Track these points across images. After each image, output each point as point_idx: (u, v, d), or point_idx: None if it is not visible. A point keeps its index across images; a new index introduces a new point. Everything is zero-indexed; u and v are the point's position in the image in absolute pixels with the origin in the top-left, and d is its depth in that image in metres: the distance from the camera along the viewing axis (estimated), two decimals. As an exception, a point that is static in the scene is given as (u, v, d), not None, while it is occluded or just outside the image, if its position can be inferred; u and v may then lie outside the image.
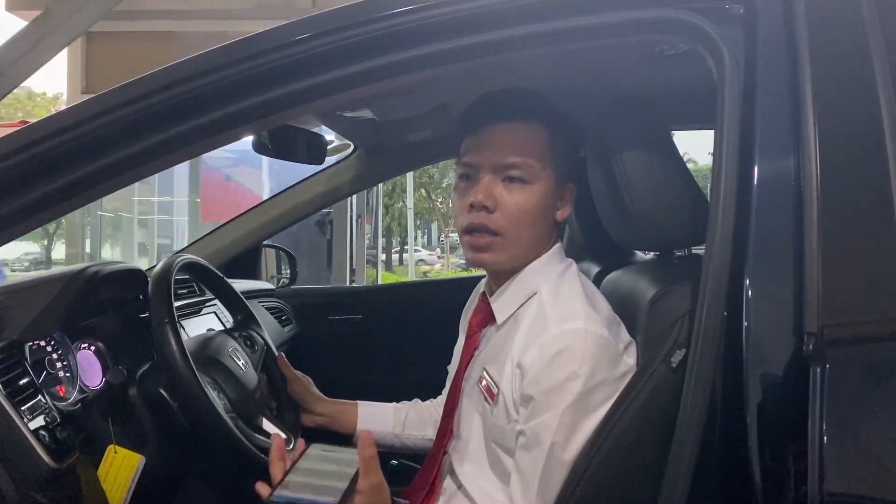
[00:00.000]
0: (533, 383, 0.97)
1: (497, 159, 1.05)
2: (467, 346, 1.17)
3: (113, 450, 1.15)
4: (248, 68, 0.88)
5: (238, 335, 1.51)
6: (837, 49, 0.85)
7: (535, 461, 0.96)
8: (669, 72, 1.30)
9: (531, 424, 0.97)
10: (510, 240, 1.06)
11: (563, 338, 0.97)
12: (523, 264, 1.09)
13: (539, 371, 0.97)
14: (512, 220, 1.05)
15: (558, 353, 0.96)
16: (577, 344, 0.96)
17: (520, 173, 1.05)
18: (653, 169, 1.05)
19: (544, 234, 1.09)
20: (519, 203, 1.05)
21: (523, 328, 1.04)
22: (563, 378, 0.95)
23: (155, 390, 1.24)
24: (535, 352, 0.98)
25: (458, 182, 1.10)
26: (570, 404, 0.95)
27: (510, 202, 1.05)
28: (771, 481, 0.78)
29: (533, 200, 1.05)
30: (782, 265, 0.80)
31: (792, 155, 0.82)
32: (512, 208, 1.05)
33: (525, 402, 0.99)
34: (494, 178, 1.05)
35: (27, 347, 1.15)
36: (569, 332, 0.97)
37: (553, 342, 0.97)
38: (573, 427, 0.95)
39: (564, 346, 0.96)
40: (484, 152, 1.06)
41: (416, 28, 0.88)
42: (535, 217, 1.06)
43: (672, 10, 0.87)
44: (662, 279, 1.01)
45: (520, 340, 1.03)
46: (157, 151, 0.90)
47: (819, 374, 0.76)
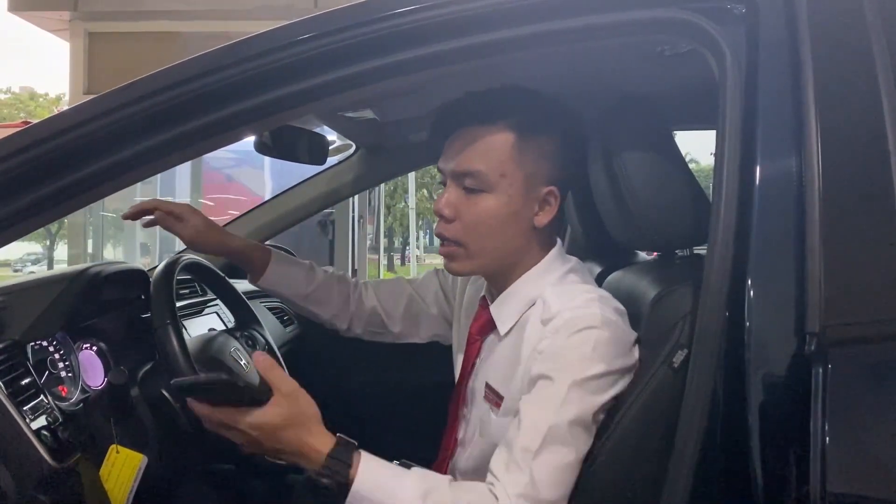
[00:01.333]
0: (545, 361, 0.93)
1: (455, 167, 1.03)
2: (468, 355, 1.13)
3: (115, 450, 1.16)
4: (249, 68, 0.88)
5: (240, 335, 1.52)
6: (839, 49, 0.85)
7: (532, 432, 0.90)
8: (670, 72, 1.30)
9: (533, 395, 0.92)
10: (472, 249, 1.03)
11: (578, 320, 0.93)
12: (509, 270, 1.05)
13: (552, 351, 0.93)
14: (470, 230, 1.02)
15: (573, 333, 0.92)
16: (594, 326, 0.92)
17: (474, 183, 1.01)
18: (654, 169, 1.05)
19: (519, 242, 1.04)
20: (476, 213, 1.01)
21: (530, 331, 1.00)
22: (577, 358, 0.91)
23: (157, 391, 1.24)
24: (550, 335, 0.94)
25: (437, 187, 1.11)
26: (580, 381, 0.90)
27: (468, 212, 1.02)
28: (773, 482, 0.78)
29: (490, 209, 1.01)
30: (784, 265, 0.80)
31: (794, 155, 0.82)
32: (469, 218, 1.02)
33: (532, 381, 0.94)
34: (457, 186, 1.03)
35: (29, 347, 1.15)
36: (583, 315, 0.94)
37: (566, 324, 0.93)
38: (580, 404, 0.90)
39: (581, 327, 0.92)
40: (447, 157, 1.04)
41: (417, 28, 0.88)
42: (496, 226, 1.01)
43: (673, 10, 0.87)
44: (664, 279, 1.01)
45: (528, 342, 0.99)
46: (159, 152, 0.90)
47: (821, 375, 0.76)
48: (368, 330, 1.38)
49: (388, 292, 1.36)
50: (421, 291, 1.35)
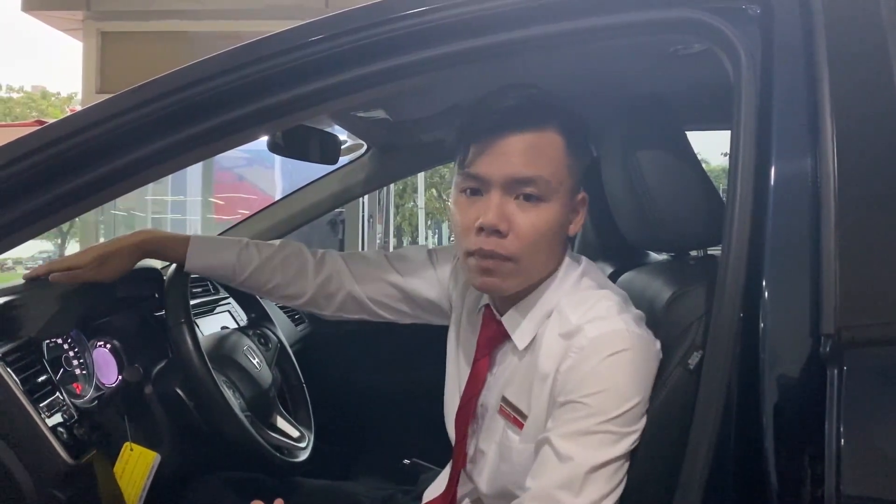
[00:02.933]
0: (577, 387, 0.89)
1: (511, 174, 0.93)
2: (478, 370, 1.05)
3: (129, 447, 1.17)
4: (262, 69, 0.88)
5: (252, 333, 1.52)
6: (855, 48, 0.85)
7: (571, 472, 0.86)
8: (684, 72, 1.30)
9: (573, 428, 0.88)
10: (524, 265, 0.95)
11: (606, 340, 0.89)
12: (535, 285, 1.00)
13: (582, 376, 0.89)
14: (526, 244, 0.93)
15: (605, 357, 0.88)
16: (625, 349, 0.89)
17: (535, 191, 0.93)
18: (668, 169, 1.04)
19: (557, 252, 1.00)
20: (535, 225, 0.93)
21: (548, 343, 0.96)
22: (613, 388, 0.88)
23: (171, 388, 1.25)
24: (575, 355, 0.90)
25: (460, 195, 0.97)
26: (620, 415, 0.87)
27: (525, 224, 0.93)
28: (787, 484, 0.78)
29: (549, 221, 0.94)
30: (799, 266, 0.80)
31: (809, 155, 0.82)
32: (527, 231, 0.93)
33: (566, 405, 0.89)
34: (506, 195, 0.93)
35: (45, 345, 1.16)
36: (612, 333, 0.90)
37: (593, 346, 0.89)
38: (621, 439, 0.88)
39: (613, 350, 0.88)
40: (495, 164, 0.93)
41: (430, 29, 0.88)
42: (550, 238, 0.96)
43: (688, 10, 0.86)
44: (678, 280, 1.01)
45: (547, 355, 0.95)
46: (172, 152, 0.91)
47: (836, 376, 0.76)
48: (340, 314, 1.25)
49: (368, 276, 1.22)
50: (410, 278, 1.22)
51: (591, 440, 0.88)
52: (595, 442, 0.87)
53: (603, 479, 0.87)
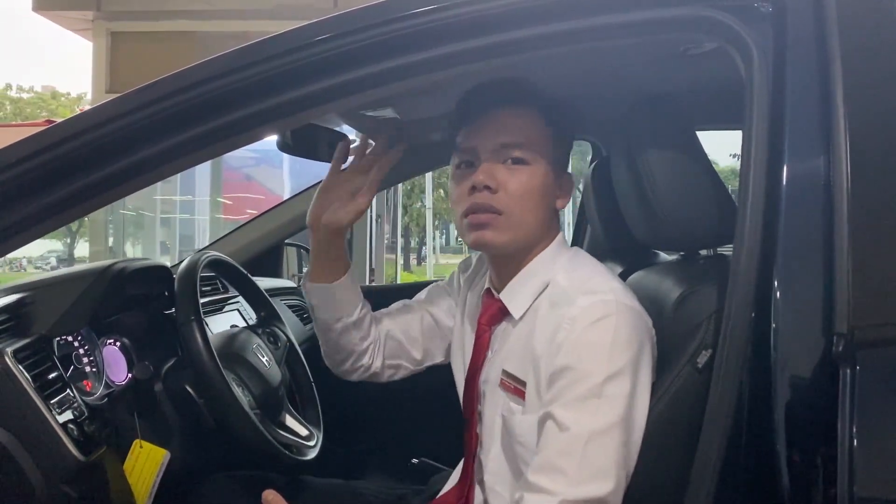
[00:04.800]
0: (567, 354, 0.93)
1: (498, 141, 1.05)
2: (479, 346, 1.12)
3: (139, 444, 1.17)
4: (271, 68, 0.88)
5: (262, 332, 1.53)
6: (868, 45, 0.84)
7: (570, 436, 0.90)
8: (694, 71, 1.29)
9: (568, 396, 0.91)
10: (514, 220, 1.03)
11: (595, 308, 0.94)
12: (527, 250, 1.07)
13: (573, 343, 0.93)
14: (515, 200, 1.03)
15: (593, 322, 0.93)
16: (611, 313, 0.93)
17: (521, 153, 1.04)
18: (678, 169, 1.04)
19: (547, 221, 1.08)
20: (522, 183, 1.04)
21: (543, 314, 1.01)
22: (601, 345, 0.92)
23: (180, 386, 1.25)
24: (568, 326, 0.94)
25: (456, 170, 1.09)
26: (611, 375, 0.91)
27: (513, 182, 1.03)
28: (799, 484, 0.77)
29: (535, 181, 1.05)
30: (812, 265, 0.79)
31: (822, 154, 0.81)
32: (515, 188, 1.03)
33: (558, 375, 0.93)
34: (495, 161, 1.04)
35: (55, 342, 1.16)
36: (600, 302, 0.95)
37: (583, 314, 0.94)
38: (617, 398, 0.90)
39: (599, 316, 0.93)
40: (483, 135, 1.05)
41: (438, 27, 0.88)
42: (537, 199, 1.05)
43: (700, 8, 0.86)
44: (688, 279, 1.01)
45: (543, 327, 1.00)
46: (180, 151, 0.91)
47: (849, 376, 0.75)
48: (388, 363, 1.27)
49: (399, 317, 1.28)
50: (432, 308, 1.28)
51: (585, 406, 0.91)
52: (590, 408, 0.91)
53: (604, 447, 0.89)
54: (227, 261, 1.58)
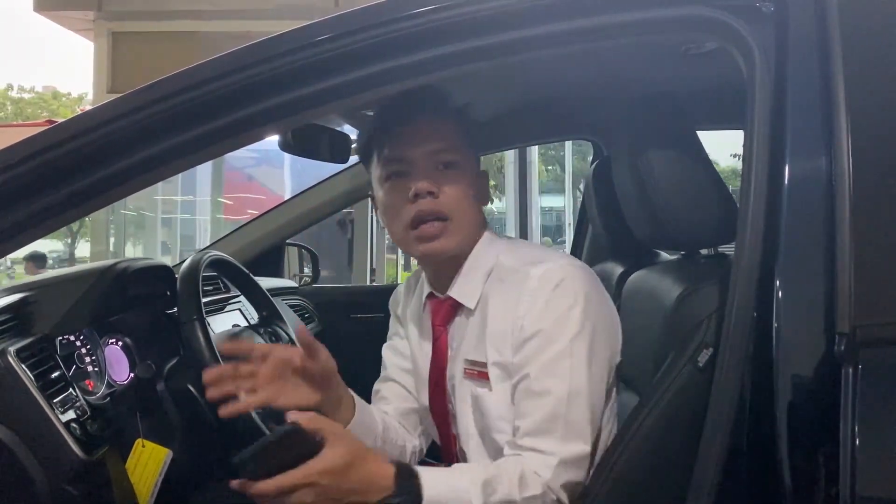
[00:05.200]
0: (535, 322, 0.99)
1: (429, 148, 1.06)
2: (439, 348, 1.13)
3: (141, 443, 1.17)
4: (273, 68, 0.88)
5: (263, 331, 1.53)
6: (870, 46, 0.84)
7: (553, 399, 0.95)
8: (695, 71, 1.30)
9: (542, 359, 0.97)
10: (458, 223, 1.06)
11: (551, 275, 1.00)
12: (468, 250, 1.09)
13: (538, 310, 0.99)
14: (456, 203, 1.05)
15: (553, 287, 0.99)
16: (567, 276, 1.00)
17: (451, 157, 1.07)
18: (679, 168, 1.04)
19: (481, 218, 1.11)
20: (459, 185, 1.06)
21: (495, 293, 1.05)
22: (565, 308, 0.98)
23: (182, 385, 1.25)
24: (529, 297, 1.00)
25: (385, 182, 1.08)
26: (577, 334, 0.97)
27: (450, 186, 1.05)
28: (801, 483, 0.77)
29: (467, 182, 1.08)
30: (814, 264, 0.80)
31: (823, 153, 0.81)
32: (454, 191, 1.05)
33: (526, 342, 0.99)
34: (428, 167, 1.06)
35: (58, 342, 1.17)
36: (553, 268, 1.01)
37: (541, 283, 1.00)
38: (586, 357, 0.97)
39: (557, 281, 0.99)
40: (414, 143, 1.06)
41: (440, 27, 0.88)
42: (471, 199, 1.08)
43: (702, 7, 0.86)
44: (689, 278, 1.01)
45: (497, 304, 1.04)
46: (181, 151, 0.91)
47: (851, 375, 0.75)
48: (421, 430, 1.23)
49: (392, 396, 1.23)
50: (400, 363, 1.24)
51: (559, 367, 0.97)
52: (564, 369, 0.97)
53: (580, 406, 0.96)
54: (228, 260, 1.58)
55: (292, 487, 0.84)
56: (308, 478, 0.84)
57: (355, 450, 0.89)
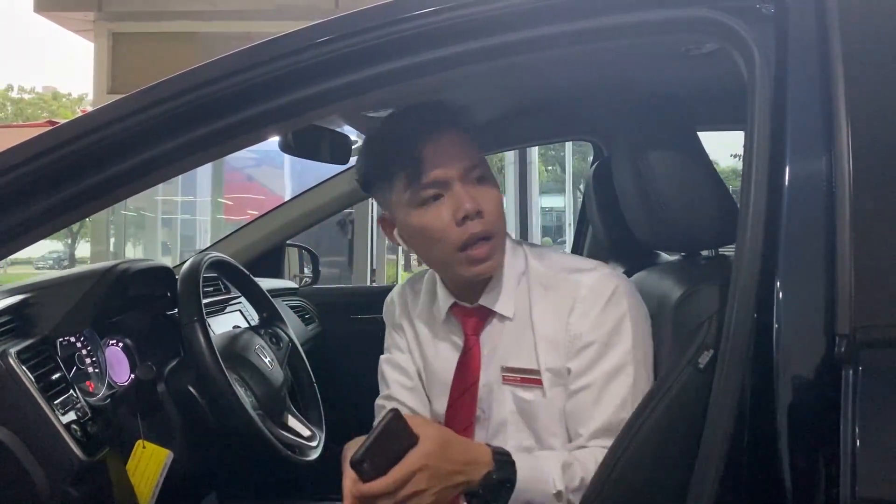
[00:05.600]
0: (591, 331, 1.01)
1: (464, 164, 1.03)
2: (472, 358, 1.11)
3: (141, 445, 1.17)
4: (273, 69, 0.88)
5: (264, 332, 1.53)
6: (870, 47, 0.84)
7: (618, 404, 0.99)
8: (696, 72, 1.29)
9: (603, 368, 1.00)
10: (500, 239, 1.06)
11: (603, 285, 1.03)
12: None
13: (593, 320, 1.01)
14: (495, 219, 1.05)
15: (608, 298, 1.02)
16: (618, 287, 1.03)
17: (482, 171, 1.06)
18: (679, 169, 1.04)
19: None
20: (495, 200, 1.06)
21: (539, 301, 1.06)
22: (619, 317, 1.02)
23: (183, 387, 1.25)
24: (582, 306, 1.02)
25: (422, 207, 1.03)
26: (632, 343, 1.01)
27: (489, 201, 1.04)
28: (801, 485, 0.77)
29: (499, 194, 1.08)
30: (814, 266, 0.79)
31: (824, 154, 0.81)
32: (493, 207, 1.04)
33: (583, 350, 1.02)
34: (465, 184, 1.03)
35: (58, 343, 1.17)
36: (603, 279, 1.04)
37: (594, 293, 1.03)
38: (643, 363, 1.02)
39: (610, 292, 1.02)
40: (447, 162, 1.03)
41: (440, 29, 0.88)
42: (503, 211, 1.08)
43: (701, 9, 0.86)
44: (689, 279, 1.01)
45: (544, 312, 1.05)
46: (182, 152, 0.91)
47: (851, 377, 0.75)
48: None
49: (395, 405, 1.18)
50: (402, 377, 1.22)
51: (621, 374, 1.01)
52: (625, 375, 1.01)
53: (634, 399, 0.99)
54: (229, 261, 1.58)
55: (407, 477, 0.86)
56: (417, 463, 0.86)
57: (445, 431, 0.93)
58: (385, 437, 0.86)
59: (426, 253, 1.08)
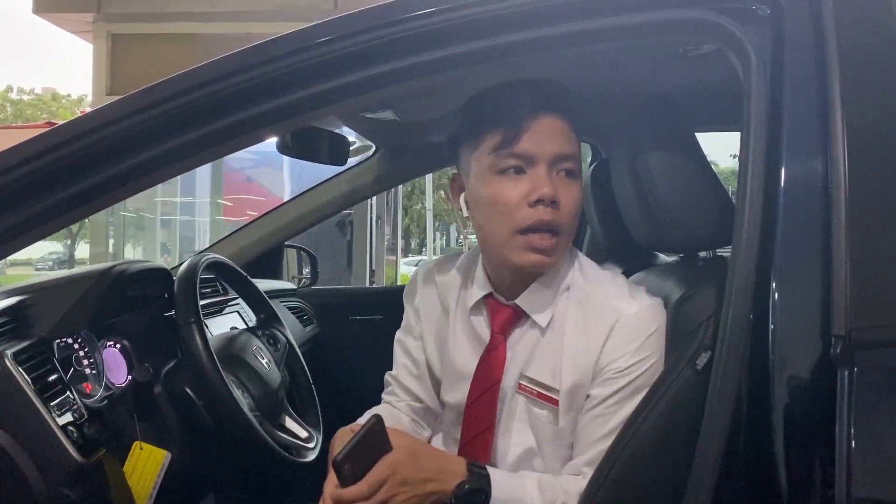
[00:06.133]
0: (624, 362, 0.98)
1: (556, 150, 0.99)
2: (497, 357, 1.07)
3: (138, 446, 1.17)
4: (272, 70, 0.88)
5: (261, 334, 1.53)
6: (866, 49, 0.84)
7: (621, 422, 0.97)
8: (693, 73, 1.30)
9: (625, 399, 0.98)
10: (566, 239, 1.02)
11: (646, 320, 0.99)
12: None
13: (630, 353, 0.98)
14: (570, 217, 1.00)
15: (648, 335, 0.99)
16: (660, 324, 1.00)
17: (573, 166, 1.01)
18: (677, 170, 1.04)
19: None
20: (576, 198, 1.01)
21: (574, 318, 1.02)
22: (654, 354, 0.99)
23: (180, 388, 1.25)
24: (620, 337, 0.99)
25: (500, 176, 1.00)
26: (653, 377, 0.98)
27: (569, 198, 0.99)
28: (797, 486, 0.78)
29: (581, 196, 1.03)
30: (810, 267, 0.80)
31: (819, 156, 0.81)
32: (572, 205, 1.00)
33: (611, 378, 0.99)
34: (551, 171, 0.99)
35: (55, 344, 1.16)
36: (647, 313, 1.00)
37: (636, 326, 0.99)
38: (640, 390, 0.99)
39: (653, 329, 0.99)
40: (541, 142, 0.99)
41: (440, 30, 0.88)
42: (580, 213, 1.03)
43: (698, 10, 0.86)
44: (687, 281, 1.01)
45: (578, 332, 1.01)
46: (181, 153, 0.91)
47: (847, 378, 0.75)
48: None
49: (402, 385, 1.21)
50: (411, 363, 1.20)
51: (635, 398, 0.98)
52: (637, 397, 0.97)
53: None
54: (226, 263, 1.58)
55: (378, 484, 0.90)
56: (386, 471, 0.91)
57: (417, 443, 0.98)
58: (366, 441, 0.91)
59: (486, 225, 1.03)
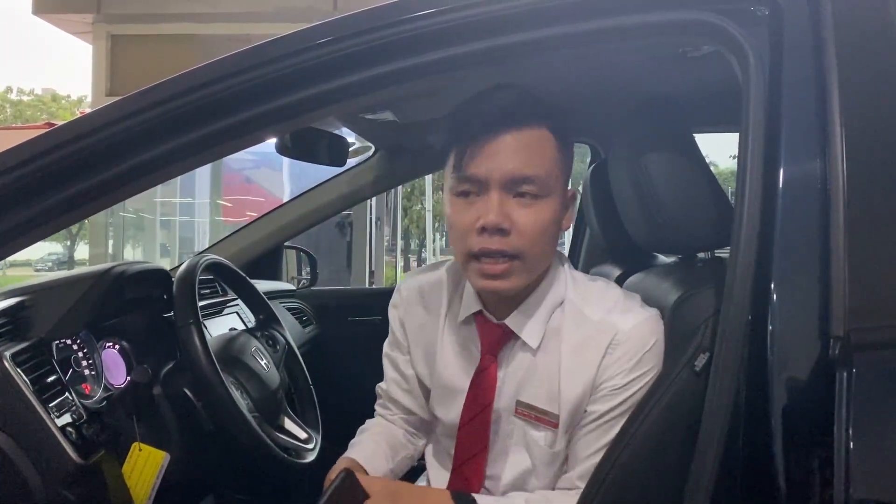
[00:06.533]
0: (621, 377, 0.97)
1: (508, 173, 0.93)
2: (488, 379, 1.03)
3: (137, 447, 1.17)
4: (271, 71, 0.88)
5: (260, 335, 1.53)
6: (864, 50, 0.84)
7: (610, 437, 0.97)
8: (692, 74, 1.30)
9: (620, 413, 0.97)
10: (529, 262, 0.96)
11: (643, 335, 0.97)
12: (536, 283, 1.02)
13: (628, 368, 0.97)
14: (528, 241, 0.94)
15: (646, 350, 0.97)
16: (658, 338, 0.98)
17: (534, 188, 0.94)
18: (676, 171, 1.04)
19: (553, 248, 1.01)
20: (535, 222, 0.94)
21: (569, 339, 0.99)
22: (651, 369, 0.97)
23: (179, 389, 1.25)
24: (617, 353, 0.97)
25: (456, 197, 0.97)
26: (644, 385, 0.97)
27: (526, 222, 0.94)
28: (796, 487, 0.77)
29: (547, 217, 0.96)
30: (808, 268, 0.80)
31: (818, 157, 0.81)
32: (528, 228, 0.94)
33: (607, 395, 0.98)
34: (505, 194, 0.94)
35: (54, 346, 1.17)
36: (643, 327, 0.98)
37: (632, 342, 0.97)
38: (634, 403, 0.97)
39: (650, 343, 0.97)
40: (493, 163, 0.93)
41: (438, 31, 0.88)
42: (550, 233, 0.97)
43: (696, 12, 0.86)
44: (686, 282, 1.01)
45: (573, 353, 0.98)
46: (181, 154, 0.91)
47: (845, 379, 0.75)
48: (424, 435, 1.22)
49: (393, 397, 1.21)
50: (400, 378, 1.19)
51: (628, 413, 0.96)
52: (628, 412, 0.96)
53: None
54: (225, 264, 1.58)
55: None
56: None
57: (393, 485, 0.98)
58: (337, 496, 0.92)
59: (452, 243, 1.00)
